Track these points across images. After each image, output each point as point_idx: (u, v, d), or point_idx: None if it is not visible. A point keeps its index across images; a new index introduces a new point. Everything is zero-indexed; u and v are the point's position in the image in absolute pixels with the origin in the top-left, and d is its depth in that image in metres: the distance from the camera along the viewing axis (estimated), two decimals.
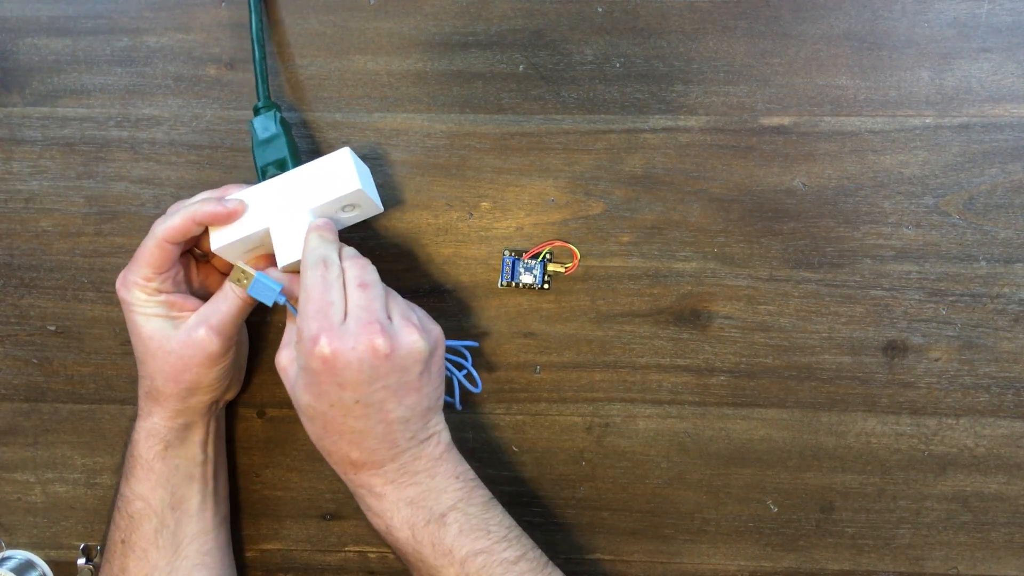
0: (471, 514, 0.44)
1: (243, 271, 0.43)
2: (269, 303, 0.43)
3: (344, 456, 0.43)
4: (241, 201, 0.44)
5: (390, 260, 0.51)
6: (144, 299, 0.45)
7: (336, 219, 0.46)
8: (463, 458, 0.46)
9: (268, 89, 0.48)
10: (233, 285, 0.45)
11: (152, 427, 0.46)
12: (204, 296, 0.47)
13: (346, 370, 0.40)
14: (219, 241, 0.44)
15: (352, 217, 0.46)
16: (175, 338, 0.44)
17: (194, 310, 0.45)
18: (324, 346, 0.39)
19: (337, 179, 0.44)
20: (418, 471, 0.44)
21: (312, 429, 0.43)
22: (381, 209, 0.47)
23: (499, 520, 0.45)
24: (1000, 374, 0.49)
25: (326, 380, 0.40)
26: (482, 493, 0.45)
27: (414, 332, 0.41)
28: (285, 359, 0.43)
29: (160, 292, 0.45)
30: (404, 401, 0.42)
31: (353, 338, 0.40)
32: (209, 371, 0.45)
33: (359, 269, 0.42)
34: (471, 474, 0.45)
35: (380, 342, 0.40)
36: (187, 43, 0.50)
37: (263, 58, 0.47)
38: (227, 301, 0.45)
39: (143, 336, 0.45)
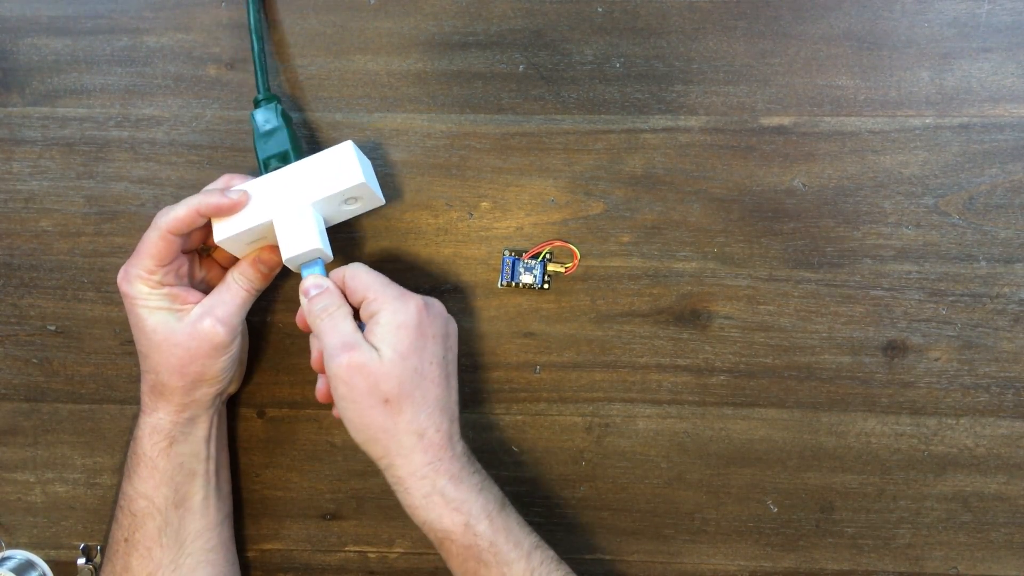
0: (513, 507, 0.45)
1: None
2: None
3: (432, 433, 0.43)
4: (245, 192, 0.44)
5: (390, 260, 0.51)
6: (147, 292, 0.44)
7: (338, 211, 0.46)
8: None
9: (268, 81, 0.48)
10: (236, 276, 0.45)
11: (157, 423, 0.46)
12: (205, 290, 0.47)
13: (435, 321, 0.44)
14: (222, 233, 0.44)
15: (354, 209, 0.47)
16: (180, 330, 0.44)
17: (196, 303, 0.45)
18: (419, 301, 0.44)
19: (340, 172, 0.44)
20: (471, 455, 0.45)
21: (402, 405, 0.42)
22: (383, 201, 0.47)
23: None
24: (1000, 374, 0.49)
25: (419, 336, 0.43)
26: None
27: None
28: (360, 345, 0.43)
29: (163, 285, 0.45)
30: (455, 362, 0.46)
31: (437, 305, 0.45)
32: (215, 362, 0.45)
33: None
34: None
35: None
36: (187, 43, 0.50)
37: (262, 50, 0.47)
38: (231, 291, 0.45)
39: (147, 330, 0.45)
